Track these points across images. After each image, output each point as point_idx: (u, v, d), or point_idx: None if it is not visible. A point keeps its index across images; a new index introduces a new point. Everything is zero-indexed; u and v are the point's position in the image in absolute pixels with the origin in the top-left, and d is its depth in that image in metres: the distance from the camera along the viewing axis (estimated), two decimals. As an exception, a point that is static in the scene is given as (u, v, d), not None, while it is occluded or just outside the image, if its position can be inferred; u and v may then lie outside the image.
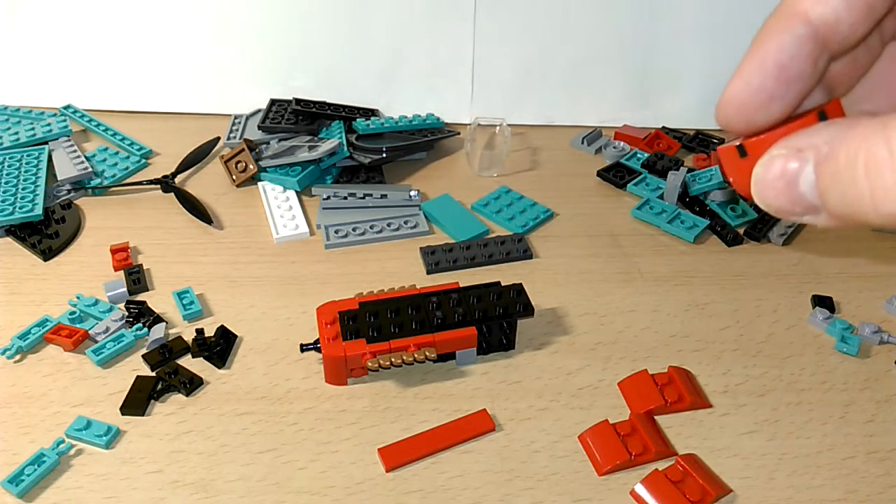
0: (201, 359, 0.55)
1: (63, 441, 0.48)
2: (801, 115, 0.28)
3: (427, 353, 0.51)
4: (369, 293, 0.56)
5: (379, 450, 0.48)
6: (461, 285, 0.56)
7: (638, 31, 0.80)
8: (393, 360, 0.51)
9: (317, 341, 0.53)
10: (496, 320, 0.54)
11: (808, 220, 0.27)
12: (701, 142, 0.81)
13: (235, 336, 0.57)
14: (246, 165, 0.74)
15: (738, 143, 0.27)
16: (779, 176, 0.26)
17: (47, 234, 0.66)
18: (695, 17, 0.79)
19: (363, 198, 0.71)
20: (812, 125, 0.26)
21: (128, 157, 0.77)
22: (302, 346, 0.54)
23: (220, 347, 0.55)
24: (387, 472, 0.47)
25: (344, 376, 0.53)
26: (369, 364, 0.51)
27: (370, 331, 0.52)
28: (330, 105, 0.82)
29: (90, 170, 0.73)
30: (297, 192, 0.73)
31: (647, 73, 0.83)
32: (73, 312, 0.58)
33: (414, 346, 0.52)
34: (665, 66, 0.82)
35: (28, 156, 0.74)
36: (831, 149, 0.25)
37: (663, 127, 0.84)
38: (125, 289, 0.60)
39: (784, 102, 0.27)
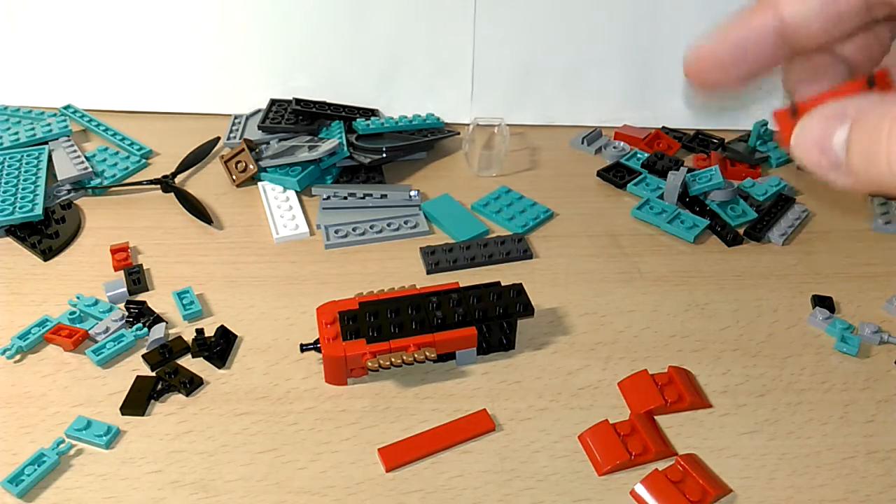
0: (201, 359, 0.55)
1: (63, 441, 0.48)
2: (852, 81, 0.30)
3: (427, 353, 0.51)
4: (369, 293, 0.56)
5: (379, 450, 0.48)
6: (461, 285, 0.56)
7: (638, 31, 0.80)
8: (393, 360, 0.51)
9: (317, 341, 0.53)
10: (496, 320, 0.54)
11: (832, 176, 0.29)
12: (701, 142, 0.81)
13: (235, 336, 0.57)
14: (246, 165, 0.74)
15: (791, 106, 0.30)
16: (817, 127, 0.28)
17: (47, 234, 0.66)
18: (695, 17, 0.79)
19: (363, 198, 0.71)
20: (860, 91, 0.29)
21: (128, 157, 0.77)
22: (302, 346, 0.54)
23: (220, 347, 0.55)
24: (387, 472, 0.47)
25: (344, 376, 0.53)
26: (369, 364, 0.51)
27: (370, 331, 0.52)
28: (330, 105, 0.82)
29: (90, 170, 0.73)
30: (297, 192, 0.73)
31: (647, 73, 0.83)
32: (73, 312, 0.58)
33: (414, 346, 0.52)
34: (665, 66, 0.82)
35: (28, 156, 0.74)
36: (867, 112, 0.27)
37: (663, 127, 0.84)
38: (125, 289, 0.60)
39: (739, 73, 0.31)
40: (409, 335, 0.52)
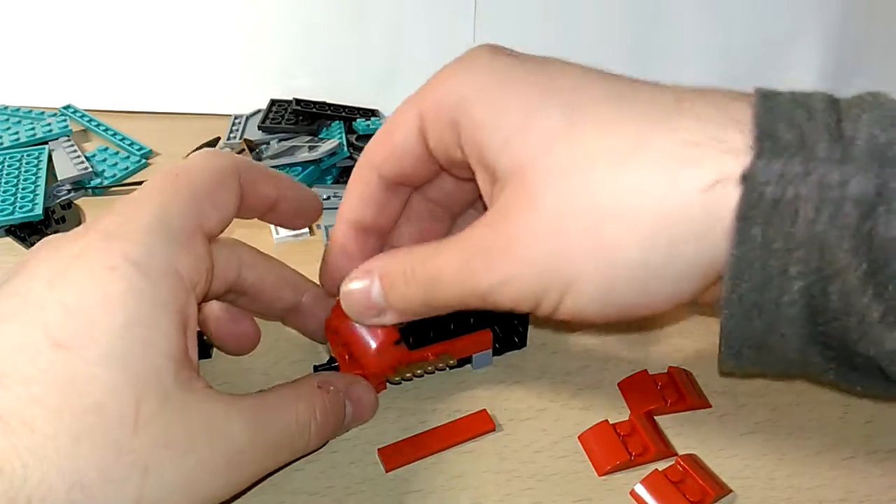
0: (201, 359, 0.55)
1: (63, 441, 0.48)
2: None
3: (446, 361, 0.51)
4: None
5: (379, 450, 0.48)
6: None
7: (638, 32, 0.80)
8: (416, 370, 0.51)
9: (331, 360, 0.52)
10: (508, 320, 0.54)
11: (376, 321, 0.42)
12: (701, 142, 0.81)
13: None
14: (246, 165, 0.74)
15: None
16: (358, 290, 0.41)
17: (47, 234, 0.66)
18: (695, 17, 0.79)
19: (363, 198, 0.71)
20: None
21: (128, 157, 0.77)
22: (316, 367, 0.52)
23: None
24: (387, 472, 0.47)
25: None
26: (393, 378, 0.51)
27: None
28: (330, 105, 0.82)
29: (90, 170, 0.73)
30: (297, 192, 0.73)
31: (647, 75, 0.82)
32: (73, 312, 0.57)
33: (433, 355, 0.51)
34: (665, 68, 0.82)
35: (28, 156, 0.74)
36: (388, 269, 0.40)
37: (663, 127, 0.84)
38: (125, 289, 0.60)
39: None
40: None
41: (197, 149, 0.77)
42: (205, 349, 0.55)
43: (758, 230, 0.30)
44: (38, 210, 0.67)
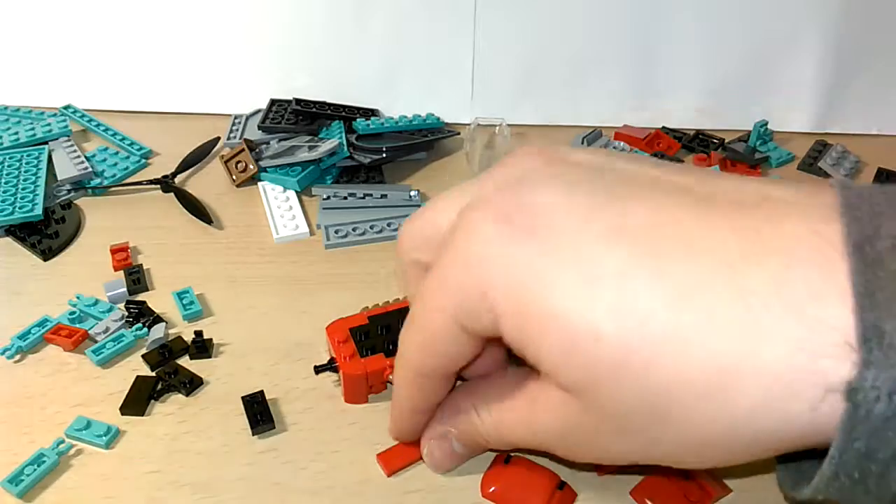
0: (202, 358, 0.55)
1: (63, 441, 0.49)
2: None
3: None
4: (374, 306, 0.55)
5: (378, 455, 0.48)
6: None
7: (639, 31, 0.80)
8: None
9: (331, 361, 0.52)
10: None
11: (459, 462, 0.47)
12: (701, 142, 0.81)
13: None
14: (246, 165, 0.74)
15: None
16: (438, 449, 0.47)
17: (47, 234, 0.66)
18: (696, 17, 0.79)
19: (363, 198, 0.71)
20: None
21: (128, 157, 0.77)
22: (316, 367, 0.52)
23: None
24: (388, 476, 0.47)
25: (365, 394, 0.52)
26: (391, 378, 0.50)
27: (386, 344, 0.52)
28: (330, 105, 0.82)
29: (90, 170, 0.73)
30: (297, 192, 0.73)
31: (648, 73, 0.83)
32: (73, 312, 0.58)
33: None
34: (665, 66, 0.82)
35: (28, 156, 0.74)
36: (460, 430, 0.45)
37: (663, 127, 0.84)
38: (125, 289, 0.60)
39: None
40: None
41: (197, 149, 0.77)
42: (204, 348, 0.55)
43: (861, 444, 0.27)
44: (38, 210, 0.67)
